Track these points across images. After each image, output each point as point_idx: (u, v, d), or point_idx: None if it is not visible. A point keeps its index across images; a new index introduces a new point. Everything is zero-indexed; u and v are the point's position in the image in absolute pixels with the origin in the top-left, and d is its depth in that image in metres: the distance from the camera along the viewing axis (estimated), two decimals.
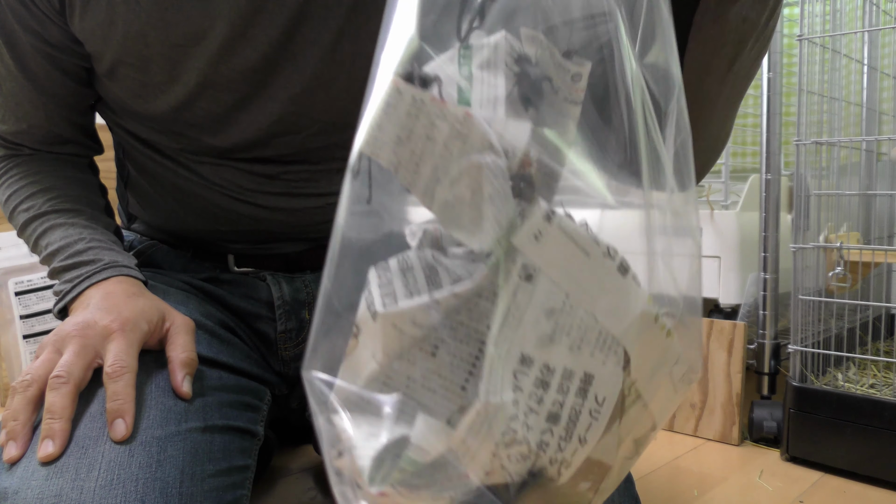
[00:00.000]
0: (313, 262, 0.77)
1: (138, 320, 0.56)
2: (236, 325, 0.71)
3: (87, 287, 0.60)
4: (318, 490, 0.89)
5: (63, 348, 0.53)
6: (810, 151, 1.05)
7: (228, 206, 0.70)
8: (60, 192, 0.67)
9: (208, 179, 0.69)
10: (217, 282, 0.74)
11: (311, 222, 0.73)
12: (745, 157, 1.61)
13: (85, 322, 0.55)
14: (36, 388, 0.52)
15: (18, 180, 0.68)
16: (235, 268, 0.75)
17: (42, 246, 0.64)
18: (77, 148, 0.71)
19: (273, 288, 0.74)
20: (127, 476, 0.49)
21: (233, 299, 0.73)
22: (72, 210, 0.66)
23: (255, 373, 0.69)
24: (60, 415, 0.50)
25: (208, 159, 0.68)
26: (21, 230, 0.67)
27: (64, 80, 0.64)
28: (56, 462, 0.49)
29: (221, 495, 0.54)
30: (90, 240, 0.63)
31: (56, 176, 0.69)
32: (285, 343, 0.74)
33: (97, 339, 0.54)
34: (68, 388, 0.51)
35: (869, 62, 1.31)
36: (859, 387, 1.03)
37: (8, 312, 1.22)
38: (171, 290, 0.69)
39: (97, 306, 0.57)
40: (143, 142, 0.69)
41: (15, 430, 0.51)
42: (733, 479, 0.97)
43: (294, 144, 0.66)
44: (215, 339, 0.66)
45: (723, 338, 1.13)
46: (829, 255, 1.05)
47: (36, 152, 0.70)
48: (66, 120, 0.68)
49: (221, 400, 0.60)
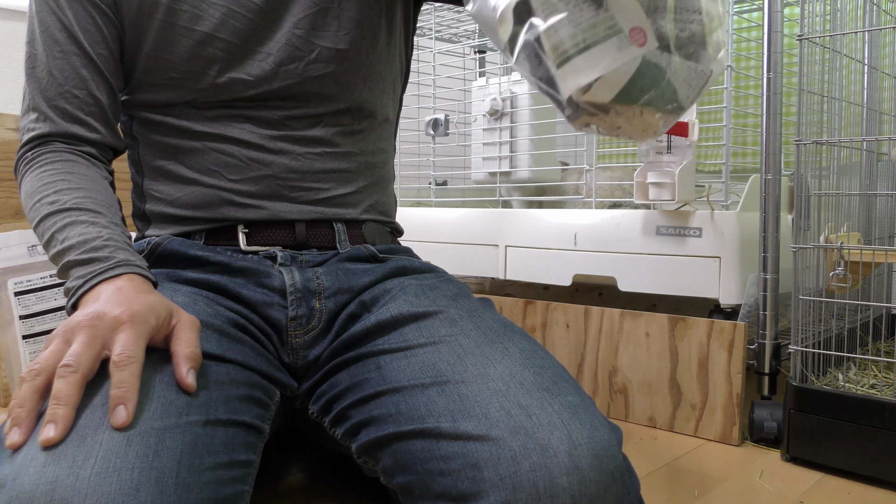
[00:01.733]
0: (319, 239, 0.82)
1: (147, 314, 0.57)
2: (248, 321, 0.74)
3: (99, 282, 0.62)
4: (319, 491, 0.89)
5: (72, 338, 0.55)
6: (810, 151, 1.05)
7: (239, 154, 0.79)
8: (87, 195, 0.71)
9: (220, 135, 0.78)
10: (230, 272, 0.76)
11: (311, 169, 0.81)
12: (745, 157, 1.61)
13: (95, 313, 0.56)
14: (44, 378, 0.53)
15: (50, 175, 0.72)
16: (246, 246, 0.79)
17: (59, 239, 0.67)
18: (107, 132, 0.79)
19: (286, 276, 0.77)
20: (123, 465, 0.49)
21: (246, 289, 0.76)
22: (95, 211, 0.69)
23: (266, 371, 0.70)
24: (66, 402, 0.51)
25: (221, 112, 0.79)
26: (39, 221, 0.70)
27: (106, 41, 0.76)
28: (55, 449, 0.50)
29: (220, 488, 0.54)
30: (108, 238, 0.66)
31: (86, 178, 0.73)
32: (296, 329, 0.76)
33: (106, 330, 0.55)
34: (76, 377, 0.52)
35: (869, 62, 1.31)
36: (860, 387, 1.03)
37: (7, 313, 1.22)
38: (179, 294, 0.72)
39: (107, 299, 0.58)
40: (160, 108, 0.79)
41: (20, 416, 0.52)
42: (733, 480, 0.97)
43: (297, 73, 0.78)
44: (225, 338, 0.68)
45: (723, 338, 1.13)
46: (829, 255, 1.05)
47: (69, 146, 0.76)
48: (107, 86, 0.77)
49: (228, 394, 0.61)
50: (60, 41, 0.75)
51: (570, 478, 0.54)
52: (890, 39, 1.36)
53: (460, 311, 0.73)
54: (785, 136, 1.18)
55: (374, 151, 0.88)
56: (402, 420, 0.62)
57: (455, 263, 1.55)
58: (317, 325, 0.77)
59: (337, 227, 0.83)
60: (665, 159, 1.19)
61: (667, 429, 1.20)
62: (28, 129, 0.76)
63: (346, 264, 0.81)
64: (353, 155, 0.85)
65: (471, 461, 0.56)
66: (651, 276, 1.24)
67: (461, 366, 0.64)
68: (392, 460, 0.63)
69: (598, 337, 1.28)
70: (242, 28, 0.77)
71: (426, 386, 0.63)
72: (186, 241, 0.79)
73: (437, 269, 0.86)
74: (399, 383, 0.65)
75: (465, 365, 0.64)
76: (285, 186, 0.80)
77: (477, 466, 0.55)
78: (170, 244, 0.78)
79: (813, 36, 1.05)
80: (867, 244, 1.22)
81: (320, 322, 0.77)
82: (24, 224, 1.39)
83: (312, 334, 0.77)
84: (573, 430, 0.57)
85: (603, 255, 1.30)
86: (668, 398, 1.19)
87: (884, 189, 1.32)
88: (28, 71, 0.76)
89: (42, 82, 0.75)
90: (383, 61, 0.85)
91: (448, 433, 0.58)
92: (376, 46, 0.84)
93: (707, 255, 1.18)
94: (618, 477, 0.57)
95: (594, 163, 1.44)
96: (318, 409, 0.75)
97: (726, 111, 1.23)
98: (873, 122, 1.31)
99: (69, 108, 0.75)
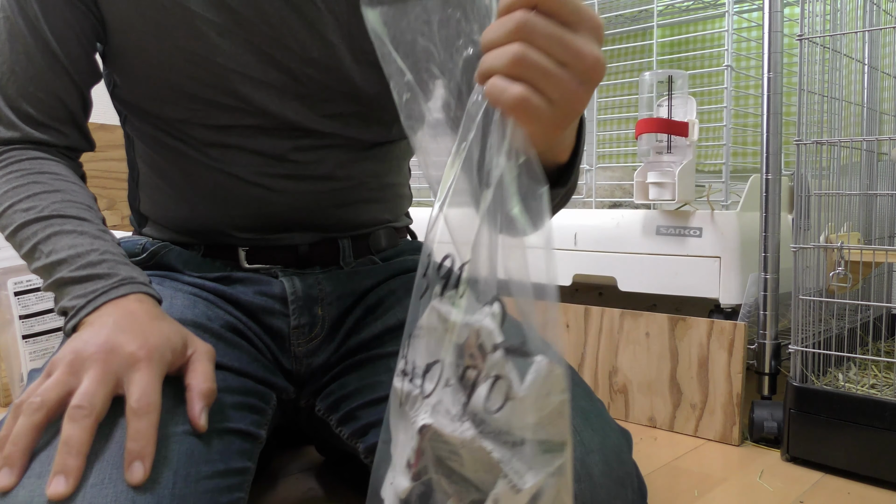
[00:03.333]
0: (323, 256, 0.78)
1: (164, 348, 0.53)
2: (246, 327, 0.71)
3: (104, 302, 0.56)
4: (319, 491, 0.89)
5: (81, 371, 0.50)
6: (811, 151, 1.05)
7: (237, 189, 0.71)
8: (65, 197, 0.63)
9: (218, 160, 0.70)
10: (229, 280, 0.74)
11: (317, 207, 0.74)
12: (745, 157, 1.61)
13: (108, 345, 0.51)
14: (44, 415, 0.49)
15: (18, 178, 0.64)
16: (246, 264, 0.75)
17: (43, 252, 0.60)
18: (75, 135, 0.70)
19: (286, 283, 0.74)
20: (119, 475, 0.48)
21: (246, 296, 0.73)
22: (77, 217, 0.62)
23: (261, 376, 0.69)
24: (77, 450, 0.47)
25: (217, 138, 0.69)
26: (15, 231, 0.62)
27: (78, 37, 0.66)
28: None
29: (216, 497, 0.53)
30: (103, 251, 0.60)
31: (59, 178, 0.66)
32: (298, 339, 0.75)
33: (121, 367, 0.51)
34: (89, 423, 0.48)
35: (869, 62, 1.31)
36: (860, 387, 1.03)
37: (7, 312, 1.22)
38: (178, 296, 0.69)
39: (119, 326, 0.53)
40: (159, 125, 0.70)
41: (13, 456, 0.48)
42: (734, 480, 0.97)
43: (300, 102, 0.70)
44: (221, 343, 0.67)
45: (723, 338, 1.13)
46: (829, 255, 1.05)
47: (35, 147, 0.68)
48: (76, 87, 0.68)
49: (223, 402, 0.60)
50: (24, 35, 0.65)
51: (581, 484, 0.54)
52: (890, 39, 1.36)
53: None
54: (785, 136, 1.18)
55: (388, 172, 0.81)
56: None
57: None
58: (320, 333, 0.76)
59: (342, 244, 0.79)
60: (665, 159, 1.19)
61: (667, 429, 1.19)
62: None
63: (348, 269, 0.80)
64: (364, 184, 0.78)
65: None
66: (651, 276, 1.24)
67: None
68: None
69: (598, 337, 1.28)
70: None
71: None
72: (185, 253, 0.75)
73: None
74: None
75: None
76: (289, 221, 0.75)
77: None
78: (167, 256, 0.74)
79: (813, 36, 1.05)
80: (867, 244, 1.22)
81: (323, 329, 0.76)
82: None
83: (316, 342, 0.76)
84: (585, 436, 0.57)
85: (603, 254, 1.30)
86: (668, 398, 1.19)
87: (884, 189, 1.32)
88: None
89: (2, 79, 0.66)
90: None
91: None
92: None
93: (707, 255, 1.18)
94: (628, 483, 0.58)
95: (594, 163, 1.44)
96: (325, 407, 0.75)
97: (726, 111, 1.23)
98: (873, 122, 1.31)
99: (32, 112, 0.67)
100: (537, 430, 0.39)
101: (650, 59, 1.32)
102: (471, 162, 0.42)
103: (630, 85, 1.79)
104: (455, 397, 0.40)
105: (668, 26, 1.77)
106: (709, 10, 1.67)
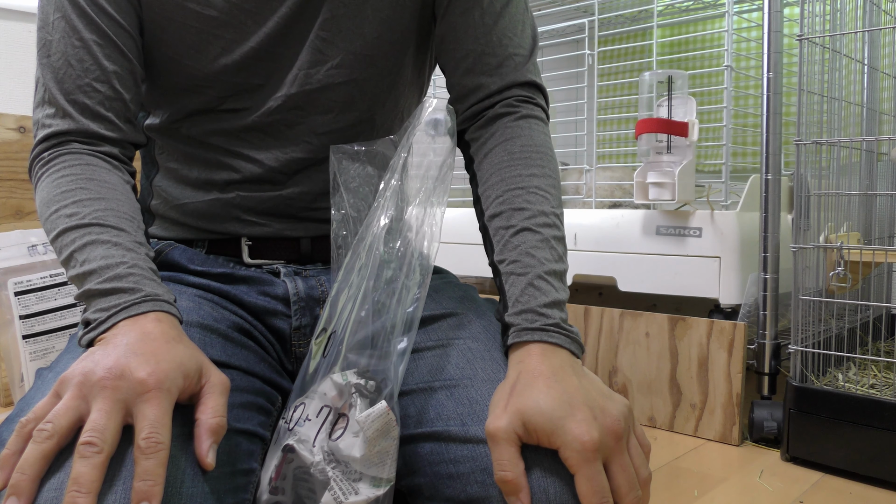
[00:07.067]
0: (324, 253, 0.79)
1: (175, 375, 0.52)
2: (252, 327, 0.72)
3: (122, 319, 0.56)
4: None
5: (90, 396, 0.49)
6: (810, 151, 1.05)
7: (250, 175, 0.75)
8: (108, 206, 0.64)
9: (235, 151, 0.75)
10: (233, 279, 0.75)
11: (323, 192, 0.77)
12: (745, 157, 1.61)
13: (119, 370, 0.50)
14: (55, 444, 0.48)
15: (69, 182, 0.65)
16: (249, 259, 0.76)
17: (79, 260, 0.60)
18: (129, 128, 0.72)
19: (289, 284, 0.75)
20: (128, 474, 0.48)
21: (249, 296, 0.73)
22: (117, 228, 0.62)
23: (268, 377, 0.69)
24: (87, 489, 0.46)
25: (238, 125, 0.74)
26: (57, 235, 0.63)
27: (131, 26, 0.70)
28: None
29: (223, 498, 0.53)
30: (132, 265, 0.59)
31: (106, 186, 0.66)
32: (299, 340, 0.75)
33: (130, 395, 0.50)
34: (100, 460, 0.47)
35: (869, 62, 1.31)
36: (860, 387, 1.03)
37: (7, 313, 1.22)
38: (183, 298, 0.69)
39: (132, 349, 0.52)
40: (181, 126, 0.75)
41: (20, 485, 0.47)
42: (733, 480, 0.97)
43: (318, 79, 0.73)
44: (229, 343, 0.67)
45: (723, 338, 1.13)
46: (829, 255, 1.05)
47: (90, 146, 0.69)
48: (132, 78, 0.70)
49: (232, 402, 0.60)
50: (79, 27, 0.67)
51: None
52: (890, 39, 1.36)
53: (468, 314, 0.72)
54: (785, 136, 1.19)
55: None
56: (412, 423, 0.62)
57: (455, 263, 1.55)
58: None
59: None
60: (665, 159, 1.19)
61: (667, 429, 1.20)
62: (43, 125, 0.69)
63: None
64: None
65: (480, 465, 0.56)
66: (651, 276, 1.24)
67: (471, 369, 0.64)
68: (401, 462, 0.62)
69: (597, 337, 1.28)
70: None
71: (435, 389, 0.63)
72: (189, 250, 0.76)
73: (443, 270, 0.86)
74: (408, 386, 0.65)
75: (474, 368, 0.64)
76: (294, 207, 0.76)
77: (486, 471, 0.55)
78: (172, 253, 0.76)
79: (813, 36, 1.05)
80: (867, 244, 1.22)
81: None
82: (24, 224, 1.39)
83: None
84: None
85: (603, 254, 1.30)
86: (667, 398, 1.19)
87: (884, 189, 1.32)
88: (42, 59, 0.68)
89: (59, 73, 0.67)
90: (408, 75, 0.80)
91: (457, 436, 0.58)
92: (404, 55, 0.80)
93: (707, 255, 1.18)
94: None
95: (594, 163, 1.44)
96: None
97: (726, 111, 1.23)
98: (873, 122, 1.31)
99: (89, 103, 0.68)
100: (366, 462, 0.54)
101: (650, 60, 1.32)
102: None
103: (630, 85, 1.79)
104: (312, 430, 0.56)
105: (668, 26, 1.77)
106: (709, 10, 1.67)
